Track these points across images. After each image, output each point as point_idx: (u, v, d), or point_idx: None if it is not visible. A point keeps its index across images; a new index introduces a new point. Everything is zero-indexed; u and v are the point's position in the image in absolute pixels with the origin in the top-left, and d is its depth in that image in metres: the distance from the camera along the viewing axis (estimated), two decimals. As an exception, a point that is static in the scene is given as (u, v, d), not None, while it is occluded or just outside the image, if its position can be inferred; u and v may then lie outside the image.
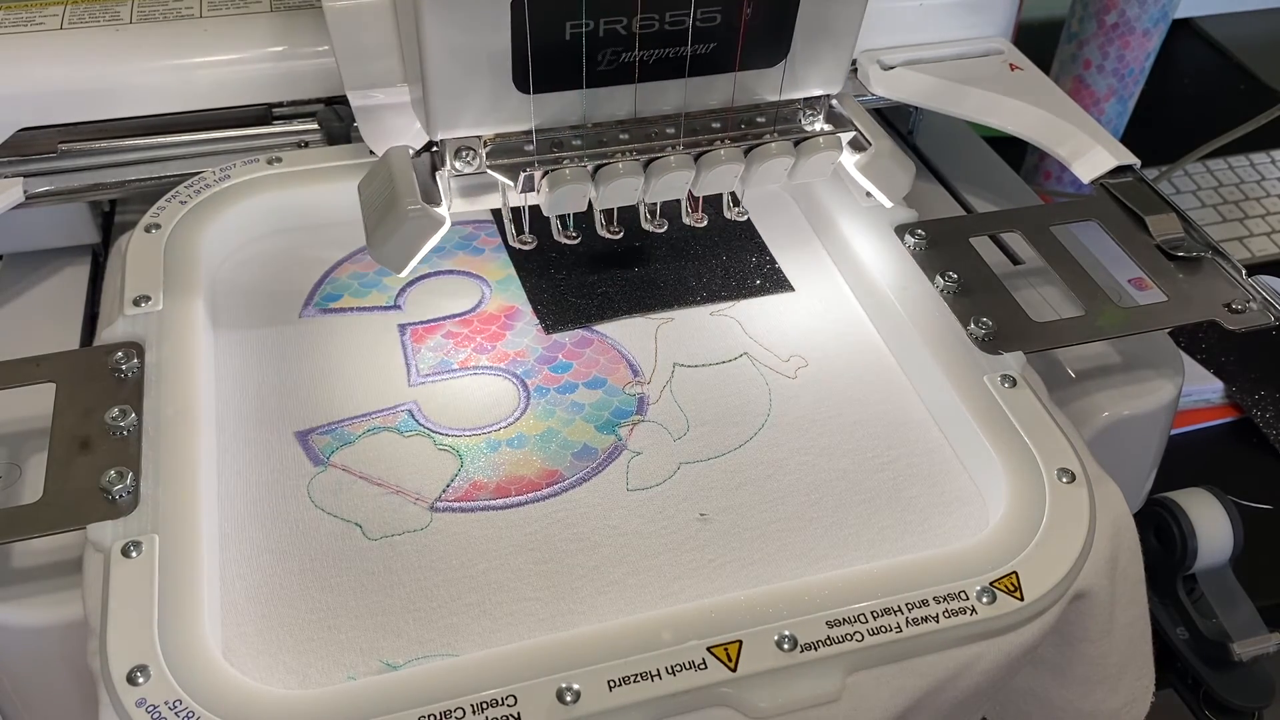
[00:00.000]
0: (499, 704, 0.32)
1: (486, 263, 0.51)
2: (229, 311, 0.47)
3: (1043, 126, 0.53)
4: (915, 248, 0.48)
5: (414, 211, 0.40)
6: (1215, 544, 0.51)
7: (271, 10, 0.52)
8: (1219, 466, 0.69)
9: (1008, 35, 0.59)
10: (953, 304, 0.45)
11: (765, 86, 0.43)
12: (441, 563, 0.38)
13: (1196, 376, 0.73)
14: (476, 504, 0.40)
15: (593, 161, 0.42)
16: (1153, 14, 0.81)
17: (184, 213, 0.48)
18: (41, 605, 0.38)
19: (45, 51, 0.49)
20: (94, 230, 0.53)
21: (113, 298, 0.45)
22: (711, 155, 0.42)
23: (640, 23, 0.39)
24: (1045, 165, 0.91)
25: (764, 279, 0.51)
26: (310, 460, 0.41)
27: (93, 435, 0.38)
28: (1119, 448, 0.47)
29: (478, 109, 0.40)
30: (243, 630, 0.36)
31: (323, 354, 0.46)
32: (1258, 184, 0.94)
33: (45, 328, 0.50)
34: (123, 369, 0.41)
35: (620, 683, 0.32)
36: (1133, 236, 0.49)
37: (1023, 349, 0.43)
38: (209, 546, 0.37)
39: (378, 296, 0.49)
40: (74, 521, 0.36)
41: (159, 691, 0.32)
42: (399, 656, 0.35)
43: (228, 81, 0.51)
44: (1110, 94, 0.87)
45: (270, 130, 0.52)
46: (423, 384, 0.45)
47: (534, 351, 0.46)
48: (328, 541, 0.39)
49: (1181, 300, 0.46)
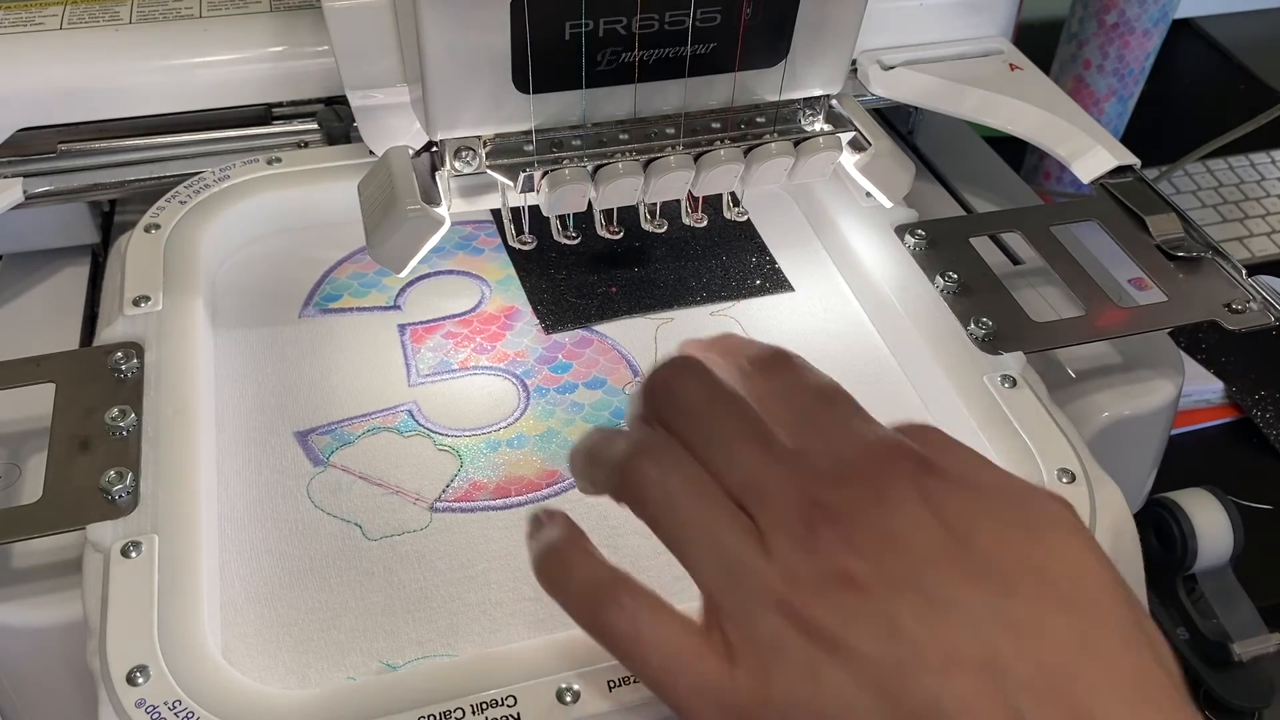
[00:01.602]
0: (499, 704, 0.32)
1: (486, 263, 0.51)
2: (229, 311, 0.47)
3: (1043, 126, 0.53)
4: (915, 248, 0.48)
5: (414, 212, 0.40)
6: (1215, 544, 0.51)
7: (271, 10, 0.52)
8: (1219, 466, 0.69)
9: (1008, 35, 0.59)
10: (953, 304, 0.45)
11: (765, 86, 0.43)
12: (441, 563, 0.38)
13: (1197, 376, 0.73)
14: (476, 504, 0.40)
15: (592, 161, 0.42)
16: (1153, 14, 0.81)
17: (184, 213, 0.48)
18: (41, 605, 0.38)
19: (45, 51, 0.49)
20: (94, 230, 0.53)
21: (112, 298, 0.45)
22: (711, 155, 0.42)
23: (640, 23, 0.39)
24: (1045, 165, 0.91)
25: (764, 279, 0.51)
26: (310, 460, 0.41)
27: (92, 435, 0.38)
28: (1119, 448, 0.47)
29: (477, 109, 0.40)
30: (243, 630, 0.36)
31: (322, 354, 0.46)
32: (1258, 184, 0.94)
33: (45, 328, 0.50)
34: (122, 369, 0.41)
35: (620, 683, 0.32)
36: (1133, 236, 0.49)
37: (1023, 349, 0.43)
38: (209, 547, 0.37)
39: (377, 296, 0.49)
40: (74, 522, 0.36)
41: (158, 692, 0.32)
42: (399, 657, 0.35)
43: (227, 81, 0.51)
44: (1110, 94, 0.87)
45: (270, 130, 0.52)
46: (422, 384, 0.45)
47: (534, 352, 0.46)
48: (327, 542, 0.39)
49: (1181, 300, 0.46)
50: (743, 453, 0.28)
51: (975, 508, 0.27)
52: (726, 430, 0.29)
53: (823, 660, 0.25)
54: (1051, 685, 0.24)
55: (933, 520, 0.27)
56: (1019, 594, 0.26)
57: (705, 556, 0.27)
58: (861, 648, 0.25)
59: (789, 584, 0.26)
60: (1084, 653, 0.25)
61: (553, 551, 0.30)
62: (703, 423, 0.29)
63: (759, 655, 0.26)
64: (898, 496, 0.27)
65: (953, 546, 0.26)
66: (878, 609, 0.25)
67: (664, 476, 0.28)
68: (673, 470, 0.28)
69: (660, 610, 0.28)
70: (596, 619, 0.28)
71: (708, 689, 0.27)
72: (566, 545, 0.30)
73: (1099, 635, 0.25)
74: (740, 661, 0.26)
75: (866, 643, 0.25)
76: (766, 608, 0.26)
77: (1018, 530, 0.27)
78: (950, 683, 0.24)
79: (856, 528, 0.26)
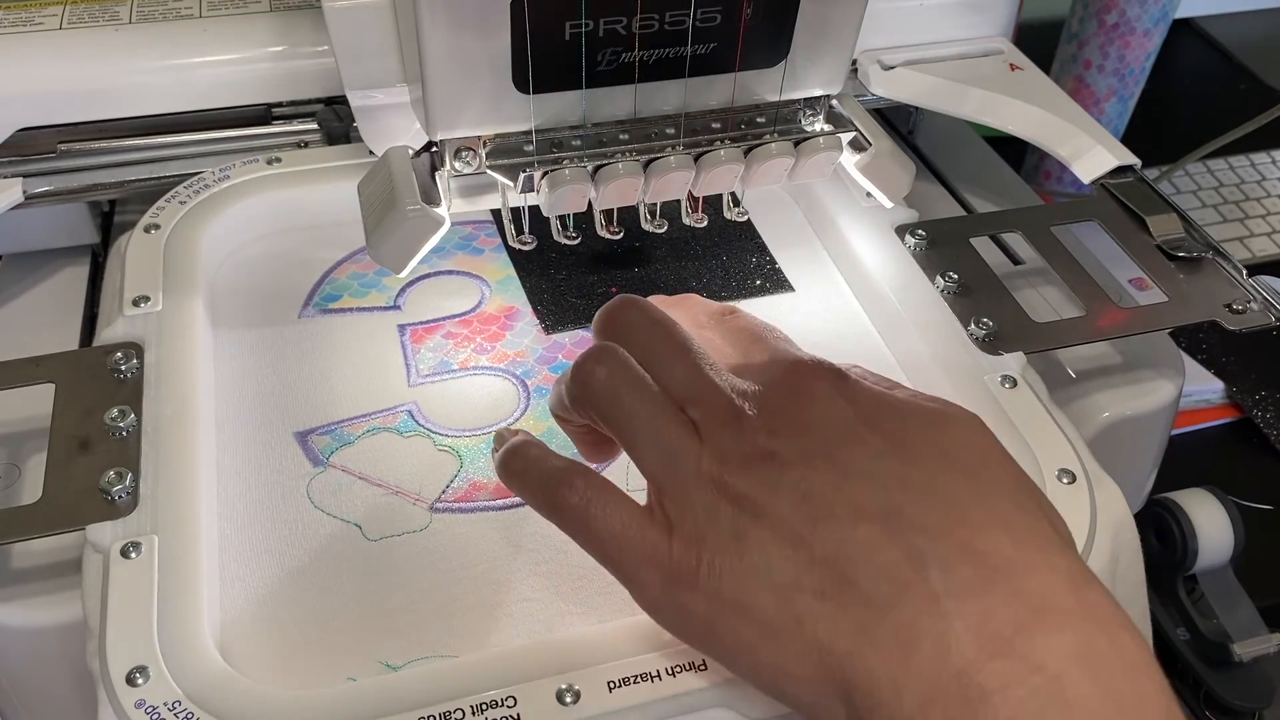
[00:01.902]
0: (499, 705, 0.32)
1: (486, 263, 0.51)
2: (228, 312, 0.47)
3: (1043, 126, 0.53)
4: (915, 248, 0.48)
5: (414, 212, 0.40)
6: (1216, 544, 0.51)
7: (271, 10, 0.52)
8: (1219, 466, 0.69)
9: (1008, 35, 0.59)
10: (953, 304, 0.45)
11: (765, 87, 0.43)
12: (441, 563, 0.38)
13: (1197, 376, 0.73)
14: (476, 504, 0.40)
15: (592, 162, 0.41)
16: (1153, 14, 0.81)
17: (183, 213, 0.48)
18: (41, 606, 0.38)
19: (45, 51, 0.49)
20: (93, 230, 0.53)
21: (112, 298, 0.45)
22: (711, 155, 0.42)
23: (640, 23, 0.39)
24: (1045, 165, 0.91)
25: (764, 279, 0.51)
26: (310, 461, 0.41)
27: (92, 436, 0.38)
28: (1119, 448, 0.47)
29: (477, 109, 0.40)
30: (243, 630, 0.36)
31: (322, 354, 0.46)
32: (1258, 184, 0.94)
33: (45, 328, 0.50)
34: (122, 369, 0.41)
35: (620, 683, 0.32)
36: (1133, 236, 0.49)
37: (1023, 349, 0.43)
38: (208, 547, 0.37)
39: (377, 297, 0.49)
40: (73, 522, 0.36)
41: (158, 692, 0.32)
42: (398, 657, 0.35)
43: (227, 81, 0.51)
44: (1110, 94, 0.87)
45: (270, 130, 0.52)
46: (422, 384, 0.45)
47: (534, 352, 0.46)
48: (327, 542, 0.39)
49: (1182, 300, 0.46)
50: (680, 366, 0.33)
51: (886, 404, 0.31)
52: (667, 349, 0.33)
53: (748, 524, 0.29)
54: (946, 528, 0.28)
55: (847, 409, 0.31)
56: (920, 463, 0.30)
57: (648, 444, 0.32)
58: (780, 510, 0.29)
59: (719, 463, 0.30)
60: (977, 505, 0.29)
61: (514, 450, 0.34)
62: (646, 342, 0.34)
63: (695, 524, 0.30)
64: (817, 391, 0.32)
65: (863, 429, 0.30)
66: (795, 479, 0.29)
67: (611, 377, 0.33)
68: (619, 371, 0.33)
69: (609, 492, 0.32)
70: (552, 500, 0.32)
71: (650, 557, 0.30)
72: (526, 444, 0.34)
73: (992, 494, 0.29)
74: (678, 532, 0.30)
75: (784, 506, 0.29)
76: (700, 485, 0.30)
77: (923, 420, 0.31)
78: (855, 530, 0.28)
79: (778, 416, 0.31)
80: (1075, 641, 0.26)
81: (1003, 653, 0.26)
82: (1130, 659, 0.27)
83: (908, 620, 0.27)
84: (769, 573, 0.29)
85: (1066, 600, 0.27)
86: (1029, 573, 0.27)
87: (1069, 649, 0.26)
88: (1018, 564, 0.27)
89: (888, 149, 0.45)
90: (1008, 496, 0.29)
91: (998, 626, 0.26)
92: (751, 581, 0.29)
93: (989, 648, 0.26)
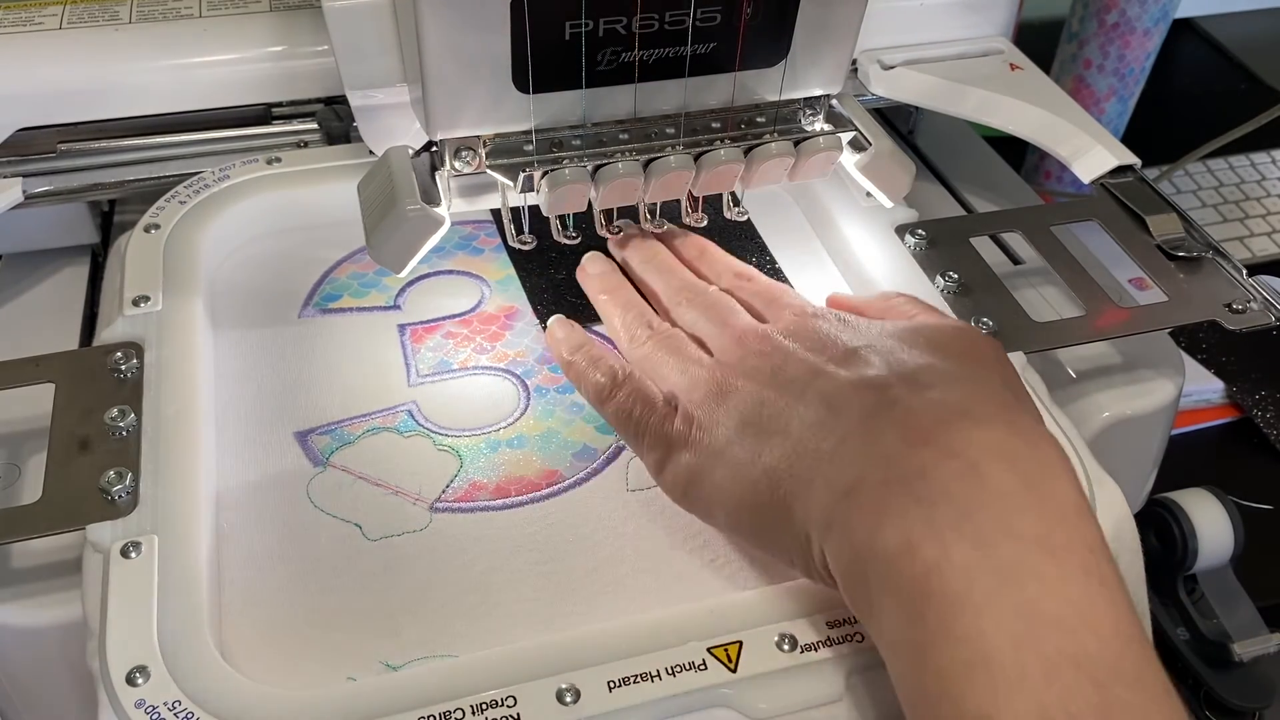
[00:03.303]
0: (499, 705, 0.32)
1: (486, 263, 0.51)
2: (228, 311, 0.47)
3: (1043, 126, 0.53)
4: (915, 248, 0.48)
5: (414, 212, 0.40)
6: (1216, 544, 0.51)
7: (271, 10, 0.52)
8: (1219, 466, 0.69)
9: (1008, 35, 0.59)
10: (953, 304, 0.45)
11: (765, 86, 0.43)
12: (441, 563, 0.38)
13: (1197, 376, 0.73)
14: (476, 504, 0.40)
15: (592, 161, 0.42)
16: (1153, 14, 0.81)
17: (183, 213, 0.48)
18: (41, 605, 0.38)
19: (45, 51, 0.49)
20: (93, 230, 0.53)
21: (112, 298, 0.45)
22: (711, 155, 0.42)
23: (640, 23, 0.39)
24: (1045, 165, 0.91)
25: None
26: (310, 460, 0.41)
27: (92, 435, 0.38)
28: (1119, 448, 0.47)
29: (477, 109, 0.40)
30: (242, 631, 0.36)
31: (322, 354, 0.46)
32: (1258, 184, 0.94)
33: (45, 328, 0.50)
34: (122, 369, 0.41)
35: (620, 683, 0.32)
36: (1133, 236, 0.49)
37: (1023, 349, 0.43)
38: (208, 547, 0.37)
39: (377, 296, 0.49)
40: (73, 522, 0.36)
41: (158, 692, 0.32)
42: (399, 657, 0.35)
43: (227, 81, 0.51)
44: (1110, 94, 0.87)
45: (270, 130, 0.52)
46: (422, 384, 0.45)
47: (534, 352, 0.46)
48: (327, 542, 0.39)
49: (1182, 300, 0.46)
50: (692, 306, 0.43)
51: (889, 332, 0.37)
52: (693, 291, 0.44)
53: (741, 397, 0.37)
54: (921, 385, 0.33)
55: (846, 328, 0.38)
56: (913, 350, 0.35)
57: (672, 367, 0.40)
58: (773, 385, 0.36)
59: (723, 370, 0.38)
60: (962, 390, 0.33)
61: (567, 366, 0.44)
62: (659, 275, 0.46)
63: (698, 409, 0.38)
64: (819, 314, 0.40)
65: (860, 343, 0.36)
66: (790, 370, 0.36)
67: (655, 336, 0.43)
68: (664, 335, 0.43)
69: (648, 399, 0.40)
70: (603, 407, 0.41)
71: (660, 434, 0.38)
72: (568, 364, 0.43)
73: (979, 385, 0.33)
74: (684, 418, 0.38)
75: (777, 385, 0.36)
76: (708, 385, 0.38)
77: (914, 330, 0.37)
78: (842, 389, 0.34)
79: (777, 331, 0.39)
80: (994, 438, 0.30)
81: (924, 441, 0.31)
82: (1045, 458, 0.31)
83: (840, 440, 0.33)
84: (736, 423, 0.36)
85: (992, 410, 0.32)
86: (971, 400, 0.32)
87: (987, 442, 0.30)
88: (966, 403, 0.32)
89: (888, 149, 0.45)
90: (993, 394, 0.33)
91: (921, 422, 0.31)
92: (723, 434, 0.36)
93: (911, 437, 0.31)
